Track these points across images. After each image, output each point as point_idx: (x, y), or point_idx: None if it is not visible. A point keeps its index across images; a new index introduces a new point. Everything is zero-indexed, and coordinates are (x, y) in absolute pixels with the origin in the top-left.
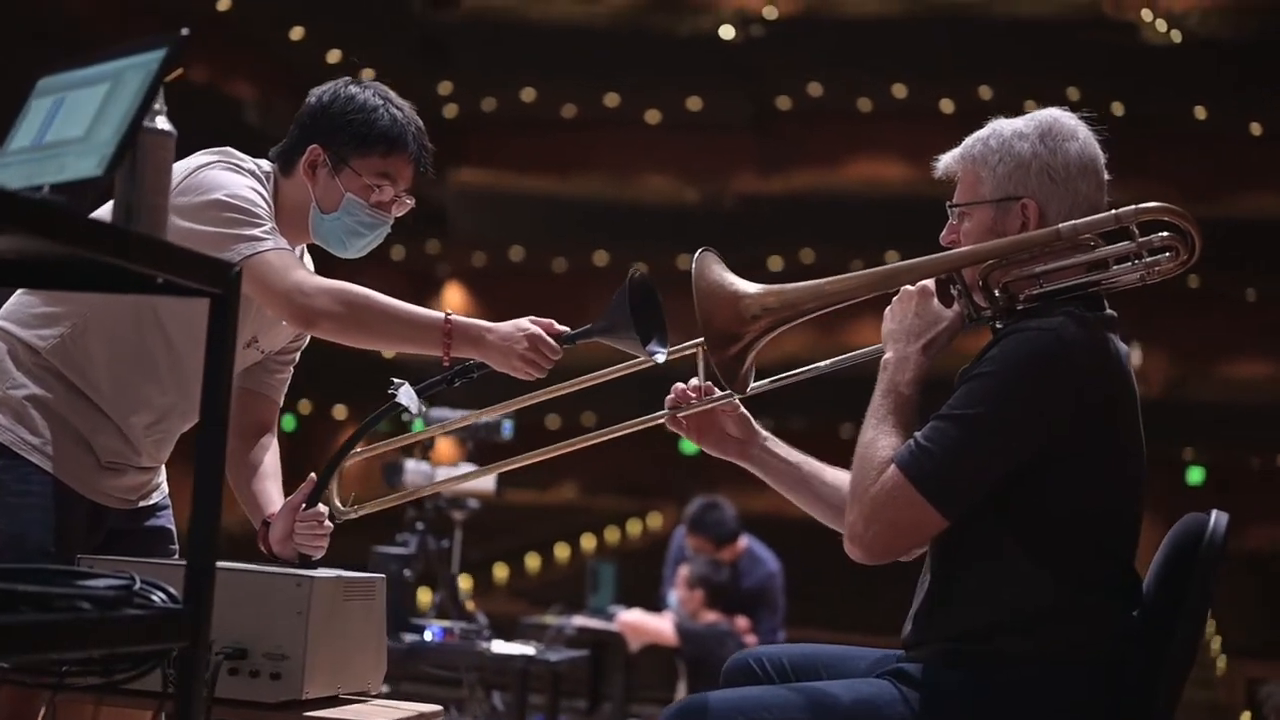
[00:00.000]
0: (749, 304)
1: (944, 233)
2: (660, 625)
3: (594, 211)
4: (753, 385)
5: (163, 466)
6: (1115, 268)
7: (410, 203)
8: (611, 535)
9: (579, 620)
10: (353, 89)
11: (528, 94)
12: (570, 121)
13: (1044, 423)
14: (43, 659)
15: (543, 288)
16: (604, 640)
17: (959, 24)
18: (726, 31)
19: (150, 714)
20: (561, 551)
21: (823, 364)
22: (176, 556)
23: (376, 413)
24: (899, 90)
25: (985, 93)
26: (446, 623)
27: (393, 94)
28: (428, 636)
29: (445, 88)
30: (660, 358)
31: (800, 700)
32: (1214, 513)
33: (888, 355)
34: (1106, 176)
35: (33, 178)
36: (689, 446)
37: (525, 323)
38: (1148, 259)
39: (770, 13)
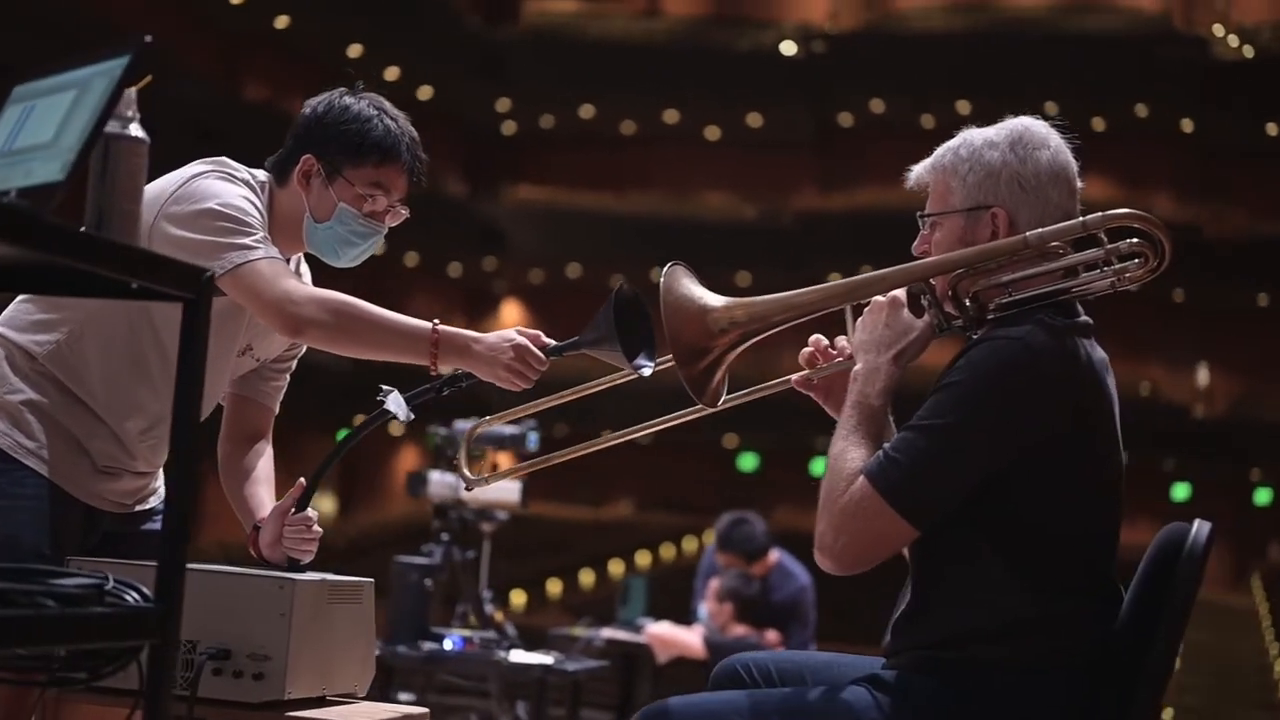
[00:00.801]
0: (716, 317)
1: (916, 243)
2: (689, 638)
3: (652, 228)
4: (725, 398)
5: (161, 471)
6: (1085, 275)
7: (405, 213)
8: (666, 552)
9: (607, 632)
10: (347, 99)
11: (586, 110)
12: (629, 138)
13: (1012, 431)
14: (20, 656)
15: (600, 304)
16: (632, 652)
17: (1025, 39)
18: (788, 47)
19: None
20: (615, 568)
21: (794, 376)
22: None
23: (365, 420)
24: (963, 106)
25: (1051, 108)
26: (467, 632)
27: (388, 104)
28: (447, 645)
29: (503, 104)
30: (646, 371)
31: (771, 704)
32: (1196, 523)
33: (858, 367)
34: (1079, 184)
35: (1, 183)
36: (745, 464)
37: (512, 333)
38: (1117, 265)
39: (832, 28)
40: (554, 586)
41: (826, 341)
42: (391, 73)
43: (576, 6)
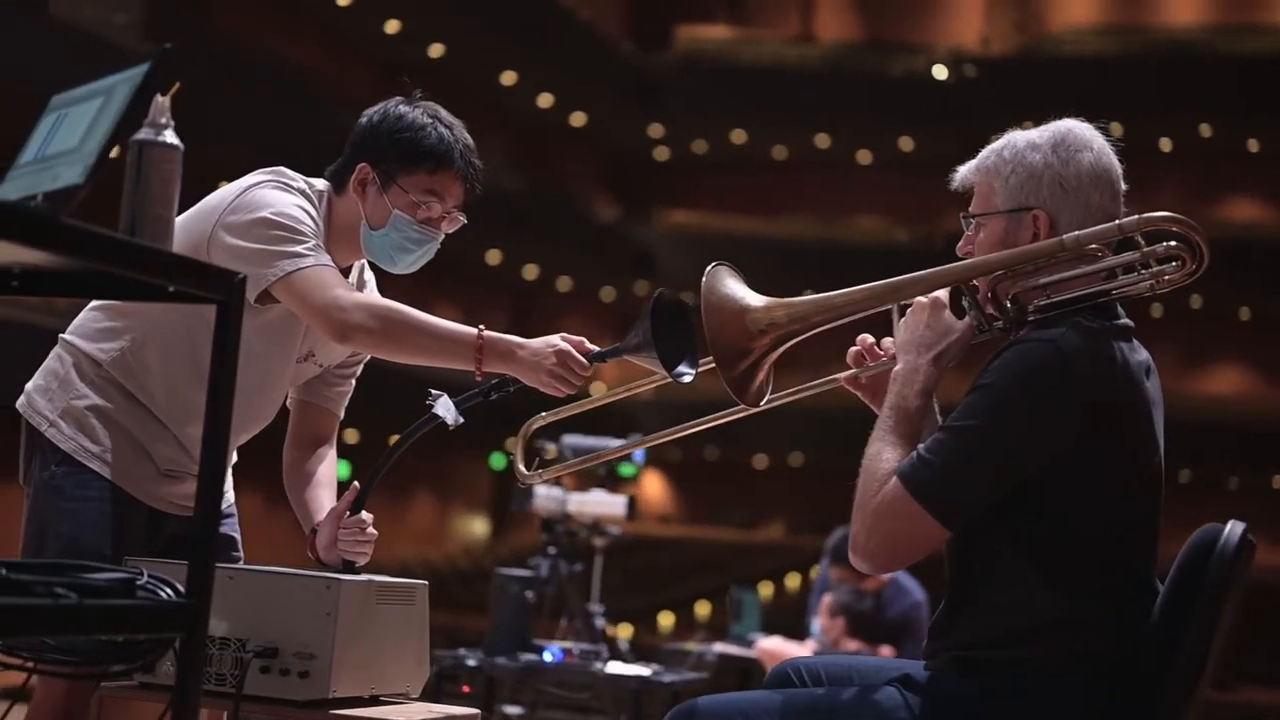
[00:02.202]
0: (756, 317)
1: (960, 243)
2: (799, 652)
3: (803, 252)
4: (769, 397)
5: (229, 474)
6: (1123, 278)
7: (462, 219)
8: (817, 575)
9: (719, 647)
10: (402, 108)
11: (738, 135)
12: (780, 163)
13: (1042, 434)
14: (57, 649)
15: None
16: (744, 666)
17: (1178, 61)
18: (940, 71)
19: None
20: (766, 590)
21: (842, 375)
22: (242, 563)
23: (415, 424)
24: (1115, 129)
25: (1205, 130)
26: (568, 644)
27: (443, 112)
28: (546, 657)
29: (656, 130)
30: (687, 378)
31: (801, 703)
32: (1230, 523)
33: (898, 367)
34: (1123, 187)
35: (31, 188)
36: None
37: (556, 339)
38: (1155, 268)
39: (985, 52)
40: (702, 609)
41: (873, 340)
42: (545, 99)
43: (729, 32)
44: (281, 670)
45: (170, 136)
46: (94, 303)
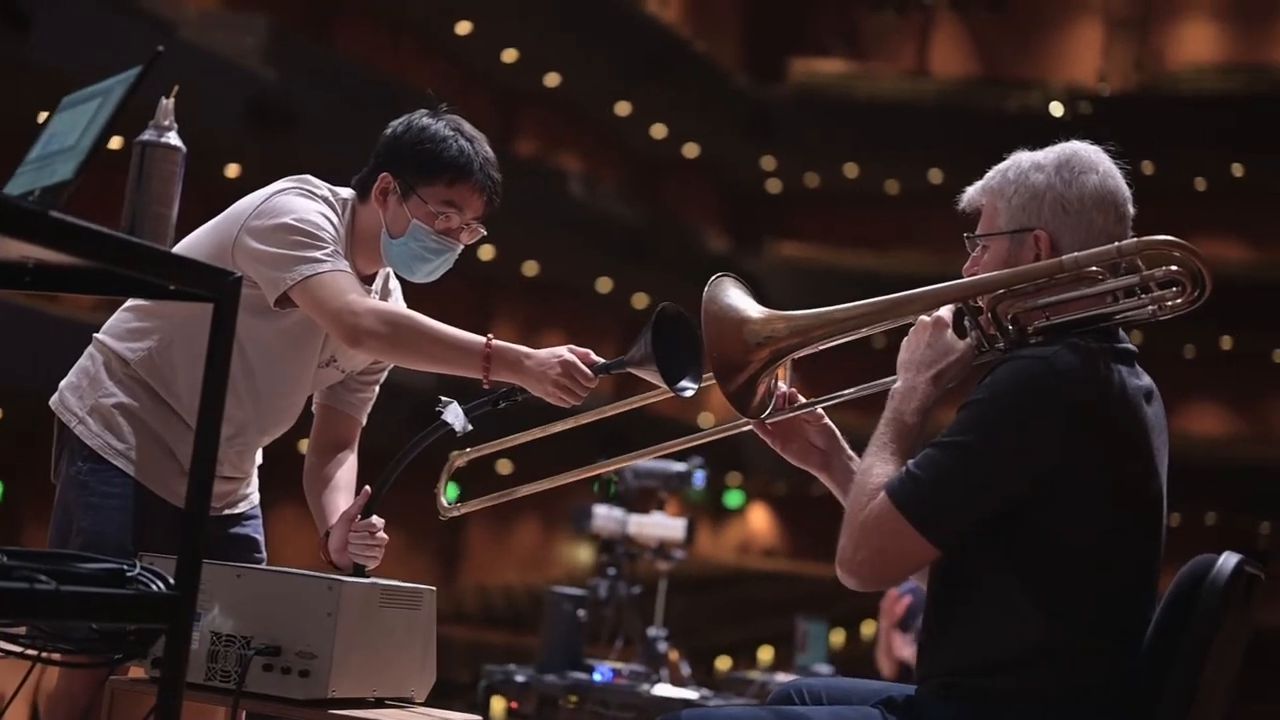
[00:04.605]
0: (754, 329)
1: (966, 264)
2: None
3: (913, 287)
4: (772, 412)
5: (254, 478)
6: (1124, 301)
7: (482, 231)
8: None
9: (782, 676)
10: (426, 120)
11: (850, 169)
12: (893, 198)
13: (1034, 450)
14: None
15: (861, 363)
16: None
17: None
18: (1056, 109)
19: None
20: (868, 628)
21: (846, 392)
22: (264, 564)
23: (425, 431)
24: (1237, 169)
25: None
26: (619, 665)
27: (466, 125)
28: (596, 677)
29: (769, 162)
30: (688, 393)
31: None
32: (1224, 554)
33: (897, 385)
34: (1130, 210)
35: (30, 184)
36: None
37: (562, 350)
38: (1155, 293)
39: (1102, 89)
40: None
41: (785, 388)
42: (659, 130)
43: (844, 66)
44: (283, 669)
45: (173, 138)
46: (127, 303)
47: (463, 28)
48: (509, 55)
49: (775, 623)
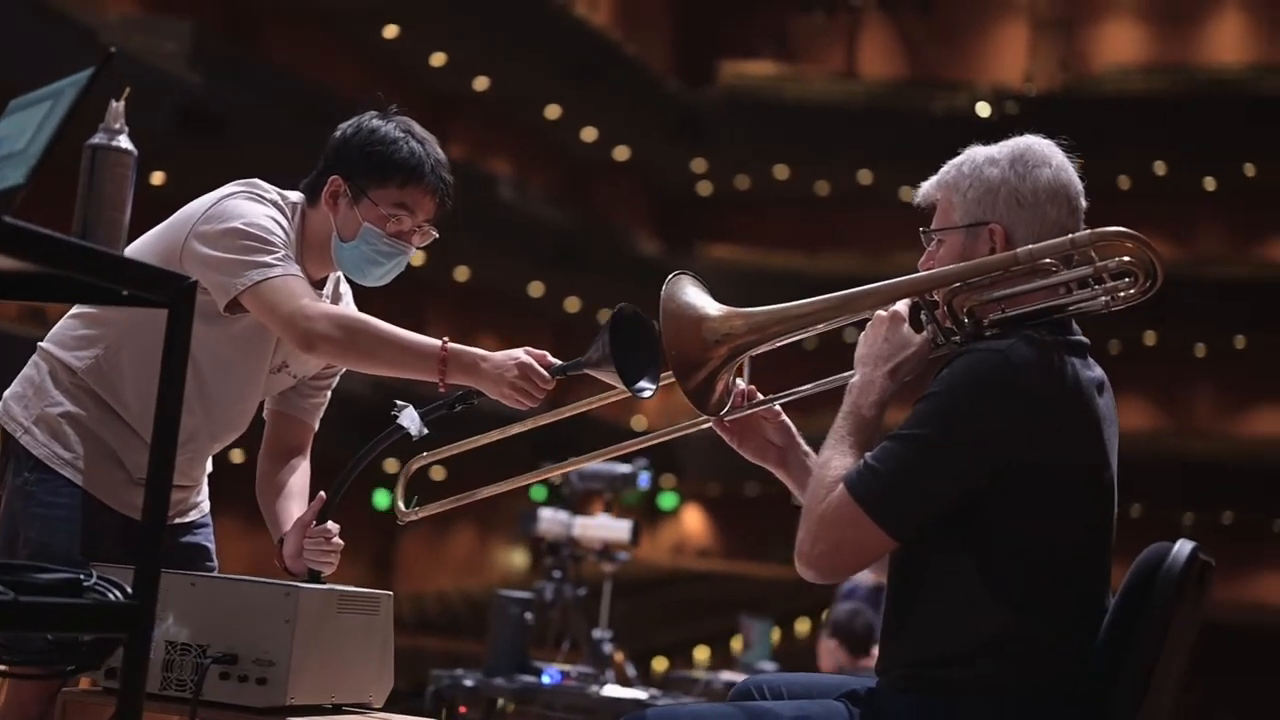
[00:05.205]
0: (713, 327)
1: (922, 259)
2: None
3: (844, 288)
4: (730, 409)
5: (204, 487)
6: (1078, 293)
7: (434, 234)
8: None
9: (726, 675)
10: (375, 121)
11: (781, 171)
12: (823, 199)
13: (990, 442)
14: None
15: (795, 364)
16: None
17: (1222, 99)
18: (982, 109)
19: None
20: (803, 626)
21: (805, 387)
22: (215, 573)
23: (380, 435)
24: (1160, 167)
25: (1250, 170)
26: (567, 667)
27: (417, 126)
28: (544, 679)
29: (699, 165)
30: (646, 393)
31: (741, 716)
32: (1179, 542)
33: (855, 379)
34: (1083, 204)
35: None
36: None
37: (519, 352)
38: (1108, 284)
39: (1028, 89)
40: (738, 644)
41: (743, 385)
42: (589, 133)
43: (774, 69)
44: (240, 677)
45: (124, 141)
46: (71, 311)
47: (390, 31)
48: (438, 59)
49: (710, 623)
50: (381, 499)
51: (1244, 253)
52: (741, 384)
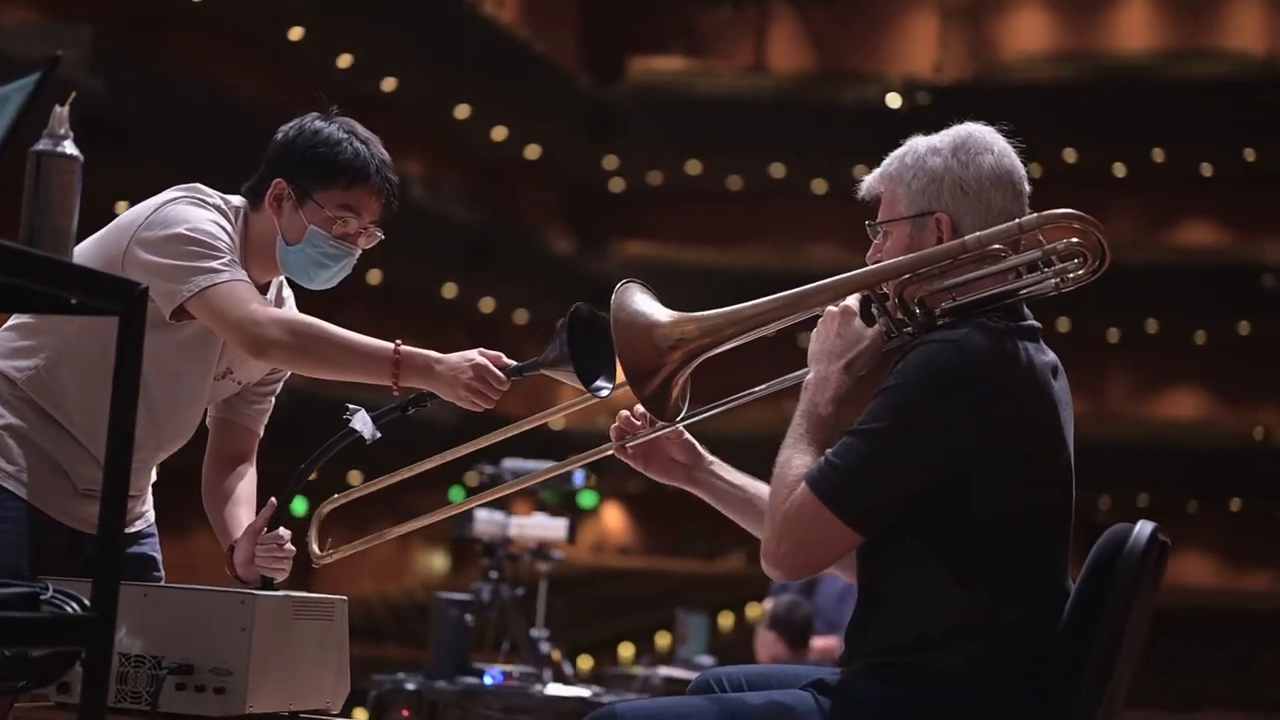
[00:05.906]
0: (665, 333)
1: (869, 252)
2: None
3: (760, 282)
4: (687, 413)
5: (148, 496)
6: (1028, 277)
7: (379, 235)
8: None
9: (665, 670)
10: (318, 123)
11: (693, 166)
12: (736, 193)
13: (948, 433)
14: None
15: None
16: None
17: (1131, 87)
18: (893, 100)
19: None
20: (725, 620)
21: (759, 388)
22: (162, 583)
23: (331, 439)
24: (1070, 155)
25: (1159, 155)
26: (508, 667)
27: (359, 127)
28: (487, 680)
29: (611, 162)
30: (604, 393)
31: (714, 708)
32: (1140, 523)
33: (809, 376)
34: (1027, 188)
35: None
36: None
37: (473, 354)
38: (1058, 266)
39: (937, 80)
40: (663, 639)
41: (626, 413)
42: (499, 132)
43: (683, 64)
44: (197, 687)
45: (69, 147)
46: (10, 322)
47: (295, 33)
48: (344, 60)
49: (633, 619)
50: (298, 505)
51: (1156, 239)
52: (639, 409)
